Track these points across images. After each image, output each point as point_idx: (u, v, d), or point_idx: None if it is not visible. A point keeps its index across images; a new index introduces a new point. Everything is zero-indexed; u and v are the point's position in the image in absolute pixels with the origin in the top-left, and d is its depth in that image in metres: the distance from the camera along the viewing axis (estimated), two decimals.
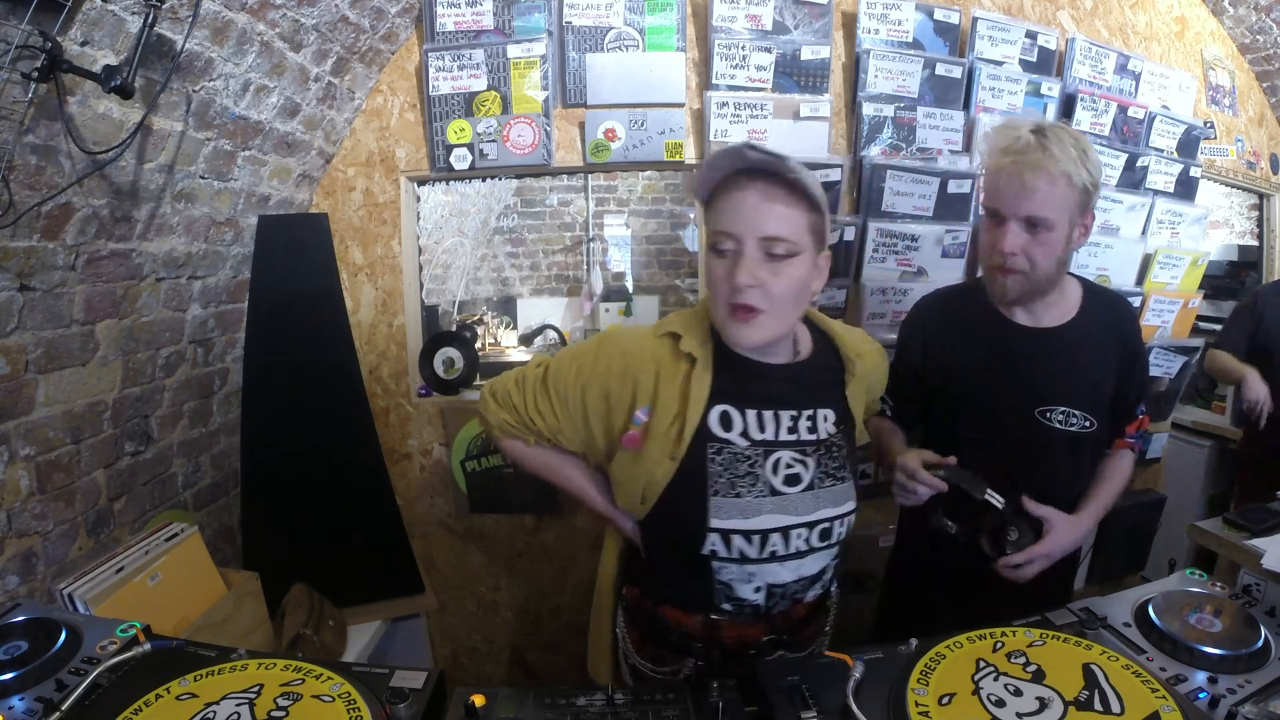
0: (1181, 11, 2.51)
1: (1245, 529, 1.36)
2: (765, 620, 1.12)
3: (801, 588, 1.12)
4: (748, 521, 1.04)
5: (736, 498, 1.05)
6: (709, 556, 1.06)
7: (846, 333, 1.19)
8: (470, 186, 3.84)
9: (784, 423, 1.09)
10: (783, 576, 1.09)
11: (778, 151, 0.96)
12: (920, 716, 0.81)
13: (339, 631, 1.69)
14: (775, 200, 0.98)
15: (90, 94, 1.18)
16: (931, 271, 2.20)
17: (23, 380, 1.29)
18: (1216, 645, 0.96)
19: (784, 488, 1.06)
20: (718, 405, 1.07)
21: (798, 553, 1.08)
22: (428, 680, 0.91)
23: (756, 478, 1.06)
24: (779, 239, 0.98)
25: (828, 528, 1.09)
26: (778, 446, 1.08)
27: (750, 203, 0.98)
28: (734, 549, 1.05)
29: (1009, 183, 1.21)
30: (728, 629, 1.11)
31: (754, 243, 0.98)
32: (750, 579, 1.08)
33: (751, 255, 0.98)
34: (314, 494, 1.71)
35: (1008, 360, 1.33)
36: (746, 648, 1.11)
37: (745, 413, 1.08)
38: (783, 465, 1.07)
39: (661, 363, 1.09)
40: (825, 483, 1.09)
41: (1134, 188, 2.33)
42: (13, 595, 1.27)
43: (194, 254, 1.67)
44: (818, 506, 1.08)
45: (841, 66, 2.15)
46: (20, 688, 0.88)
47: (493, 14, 1.99)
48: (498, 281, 4.41)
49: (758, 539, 1.05)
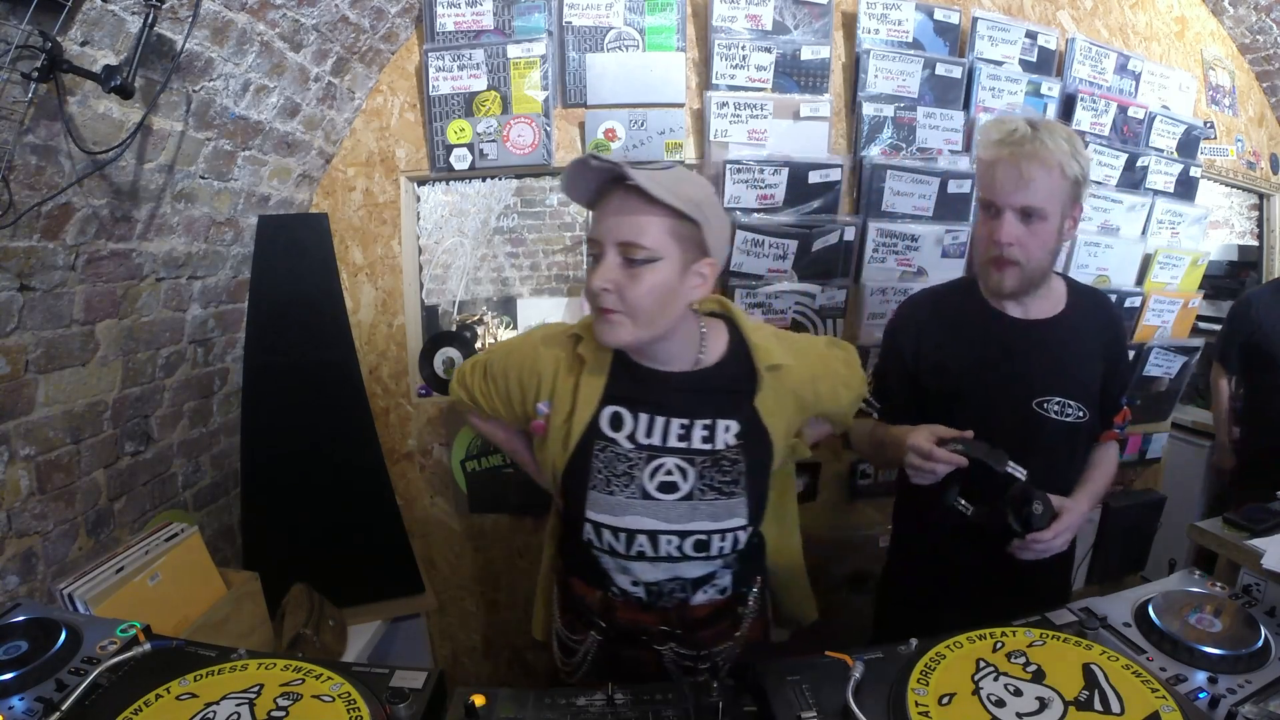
0: (1181, 11, 2.51)
1: (1245, 529, 1.36)
2: (656, 611, 1.17)
3: (681, 588, 1.15)
4: (616, 519, 1.10)
5: (610, 495, 1.11)
6: (587, 543, 1.15)
7: (767, 342, 1.16)
8: (470, 186, 3.83)
9: (674, 430, 1.11)
10: (655, 576, 1.14)
11: (618, 160, 0.99)
12: (920, 716, 0.81)
13: (339, 631, 1.69)
14: (632, 209, 1.00)
15: (90, 94, 1.18)
16: (931, 271, 2.20)
17: (23, 380, 1.29)
18: (1216, 645, 0.96)
19: (657, 493, 1.10)
20: (611, 406, 1.12)
21: (669, 557, 1.11)
22: (428, 680, 0.91)
23: (632, 479, 1.10)
24: (634, 245, 1.00)
25: (703, 540, 1.11)
26: (662, 453, 1.11)
27: (610, 211, 1.02)
28: (604, 542, 1.13)
29: (1006, 173, 1.23)
30: (622, 610, 1.18)
31: (612, 249, 1.01)
32: (625, 571, 1.15)
33: (610, 260, 1.02)
34: (314, 494, 1.71)
35: (1005, 354, 1.34)
36: (640, 632, 1.17)
37: (638, 416, 1.12)
38: (661, 472, 1.10)
39: (562, 361, 1.17)
40: (706, 495, 1.10)
41: (1134, 188, 2.33)
42: (13, 595, 1.27)
43: (194, 254, 1.67)
44: (693, 518, 1.10)
45: (841, 66, 2.15)
46: (20, 688, 0.88)
47: (493, 14, 1.99)
48: (498, 281, 4.39)
49: (624, 536, 1.11)
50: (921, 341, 1.41)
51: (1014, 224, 1.24)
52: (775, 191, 2.07)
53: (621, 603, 1.18)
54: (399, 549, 1.85)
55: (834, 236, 2.10)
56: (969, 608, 1.11)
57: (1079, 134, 2.23)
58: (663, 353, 1.12)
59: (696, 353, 1.13)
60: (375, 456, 1.79)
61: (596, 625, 1.20)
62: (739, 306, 1.23)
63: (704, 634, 1.19)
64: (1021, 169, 1.21)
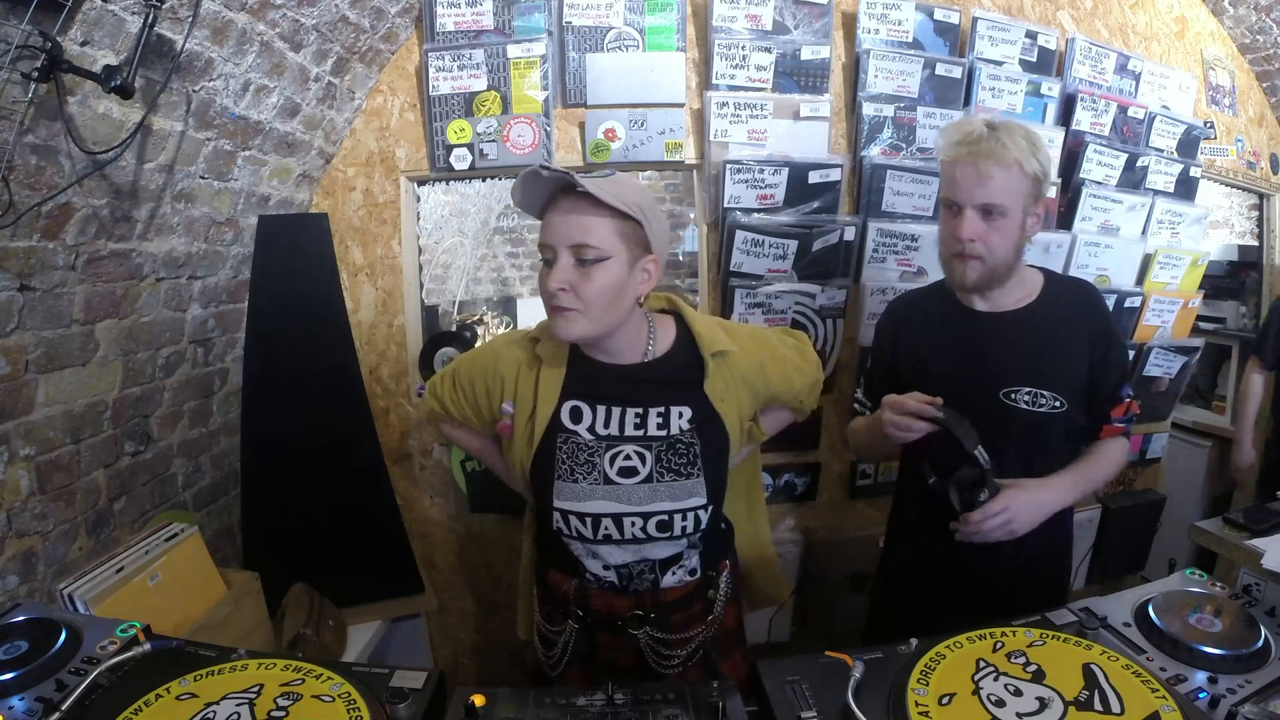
0: (1181, 11, 2.51)
1: (1245, 529, 1.36)
2: (629, 595, 1.22)
3: (650, 569, 1.22)
4: (581, 505, 1.18)
5: (574, 483, 1.18)
6: (558, 532, 1.21)
7: (711, 331, 1.23)
8: (470, 186, 3.83)
9: (630, 419, 1.19)
10: (623, 558, 1.21)
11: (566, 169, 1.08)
12: (920, 716, 0.81)
13: (339, 631, 1.69)
14: (582, 212, 1.08)
15: (90, 94, 1.18)
16: (932, 271, 2.20)
17: (23, 380, 1.29)
18: (1216, 645, 0.96)
19: (618, 478, 1.17)
20: (570, 400, 1.21)
21: (634, 539, 1.18)
22: (428, 680, 0.91)
23: (594, 466, 1.18)
24: (586, 246, 1.08)
25: (665, 520, 1.18)
26: (621, 441, 1.19)
27: (560, 217, 1.10)
28: (572, 528, 1.20)
29: (965, 172, 1.28)
30: (595, 597, 1.23)
31: (565, 251, 1.09)
32: (594, 556, 1.22)
33: (563, 262, 1.09)
34: (314, 494, 1.71)
35: (970, 344, 1.38)
36: (614, 617, 1.23)
37: (595, 408, 1.20)
38: (620, 458, 1.18)
39: (522, 362, 1.25)
40: (665, 477, 1.18)
41: (1134, 188, 2.33)
42: (13, 595, 1.27)
43: (194, 254, 1.67)
44: (654, 499, 1.17)
45: (841, 66, 2.15)
46: (20, 688, 0.88)
47: (493, 14, 1.99)
48: (498, 281, 4.40)
49: (590, 521, 1.18)
50: (899, 340, 1.48)
51: (975, 221, 1.29)
52: (775, 191, 2.07)
53: (596, 590, 1.23)
54: (399, 549, 1.85)
55: (834, 236, 2.10)
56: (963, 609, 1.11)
57: (1080, 134, 2.26)
58: (614, 347, 1.20)
59: (645, 345, 1.22)
60: (375, 457, 1.79)
61: (574, 614, 1.25)
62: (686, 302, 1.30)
63: (677, 618, 1.24)
64: (979, 167, 1.26)
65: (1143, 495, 2.58)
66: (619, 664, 1.26)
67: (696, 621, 1.26)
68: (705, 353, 1.20)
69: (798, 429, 2.27)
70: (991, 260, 1.31)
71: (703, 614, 1.26)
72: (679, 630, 1.24)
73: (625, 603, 1.22)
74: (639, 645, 1.24)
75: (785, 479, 2.32)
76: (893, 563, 1.63)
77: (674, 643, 1.24)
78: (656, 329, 1.23)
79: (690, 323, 1.23)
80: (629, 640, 1.24)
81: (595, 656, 1.28)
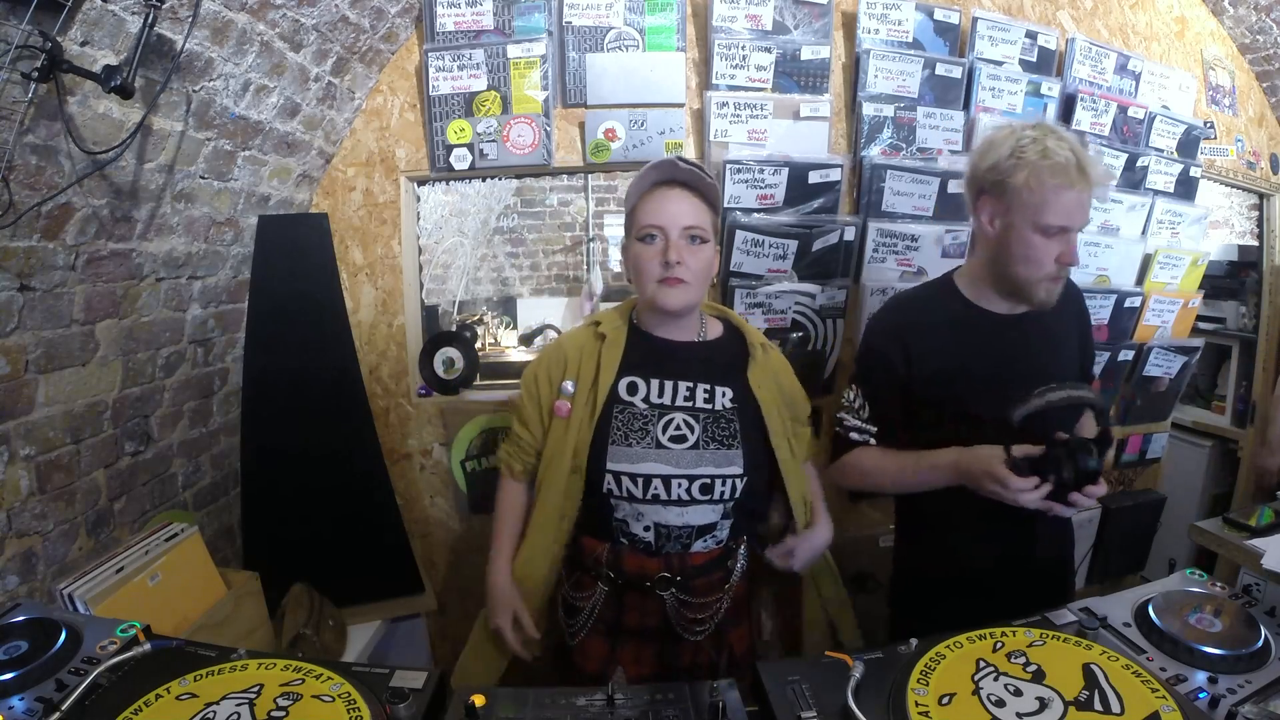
0: (1181, 11, 2.51)
1: (1245, 529, 1.36)
2: (660, 557, 1.32)
3: (687, 534, 1.32)
4: (634, 467, 1.29)
5: (628, 447, 1.30)
6: (608, 494, 1.31)
7: (752, 329, 1.43)
8: (470, 186, 3.83)
9: (681, 392, 1.33)
10: (668, 519, 1.30)
11: (698, 163, 1.29)
12: (920, 716, 0.81)
13: (339, 631, 1.69)
14: (692, 200, 1.29)
15: (90, 94, 1.18)
16: (932, 271, 2.20)
17: (23, 380, 1.29)
18: (1216, 645, 0.96)
19: (669, 444, 1.30)
20: (627, 376, 1.34)
21: (679, 500, 1.29)
22: (428, 680, 0.91)
23: (647, 433, 1.30)
24: (698, 228, 1.28)
25: (708, 483, 1.29)
26: (672, 410, 1.32)
27: (671, 203, 1.28)
28: (624, 489, 1.30)
29: (1079, 200, 1.26)
30: (628, 558, 1.33)
31: (677, 231, 1.26)
32: (640, 517, 1.31)
33: (676, 241, 1.26)
34: (314, 494, 1.71)
35: (999, 348, 1.37)
36: (644, 579, 1.32)
37: (650, 382, 1.34)
38: (672, 426, 1.31)
39: (585, 344, 1.38)
40: (710, 446, 1.30)
41: (1134, 188, 2.33)
42: (13, 595, 1.27)
43: (194, 254, 1.67)
44: (699, 464, 1.29)
45: (841, 66, 2.15)
46: (20, 688, 0.88)
47: (493, 14, 1.99)
48: (498, 281, 4.40)
49: (641, 481, 1.28)
50: (911, 350, 1.38)
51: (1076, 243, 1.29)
52: (775, 191, 2.07)
53: (629, 552, 1.33)
54: (399, 549, 1.85)
55: (834, 236, 2.10)
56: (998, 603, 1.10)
57: (1080, 134, 2.26)
58: (679, 324, 1.36)
59: (699, 329, 1.39)
60: (375, 456, 1.79)
61: (604, 576, 1.35)
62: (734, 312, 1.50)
63: (699, 582, 1.33)
64: (1085, 196, 1.26)
65: (1143, 495, 2.58)
66: (645, 626, 1.34)
67: (715, 589, 1.35)
68: (754, 342, 1.39)
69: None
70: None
71: (721, 582, 1.36)
72: (700, 595, 1.33)
73: (655, 564, 1.32)
74: (664, 608, 1.33)
75: None
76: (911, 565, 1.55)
77: (697, 606, 1.33)
78: (708, 322, 1.42)
79: (738, 322, 1.44)
80: (656, 603, 1.33)
81: (622, 620, 1.35)
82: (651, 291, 1.28)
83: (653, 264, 1.26)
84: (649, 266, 1.27)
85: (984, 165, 1.31)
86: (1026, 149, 1.26)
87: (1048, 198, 1.26)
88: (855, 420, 1.44)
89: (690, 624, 1.33)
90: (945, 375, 1.36)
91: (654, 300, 1.29)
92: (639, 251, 1.28)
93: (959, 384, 1.35)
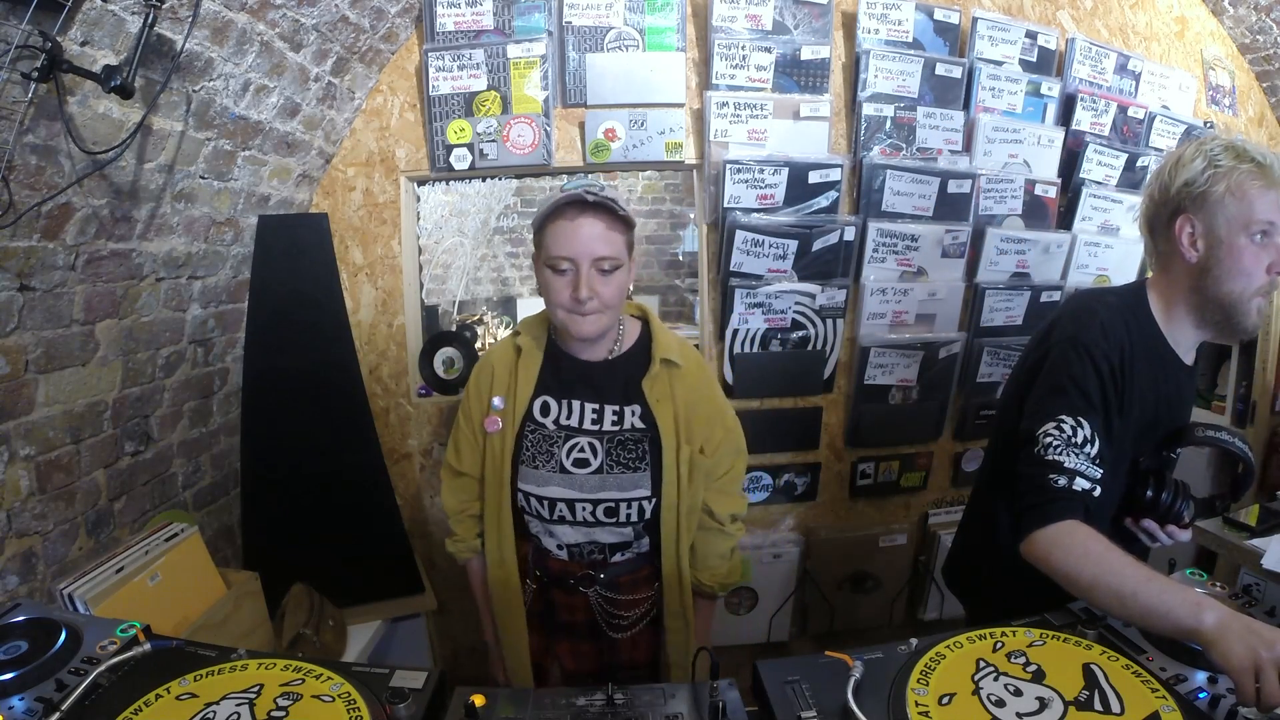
0: (1181, 11, 2.51)
1: (1245, 529, 1.36)
2: (581, 562, 1.35)
3: (599, 550, 1.34)
4: (539, 489, 1.30)
5: (535, 469, 1.30)
6: (520, 509, 1.34)
7: (669, 341, 1.34)
8: (470, 186, 3.83)
9: (589, 414, 1.31)
10: (575, 539, 1.33)
11: (599, 189, 1.19)
12: (920, 716, 0.81)
13: (339, 631, 1.69)
14: (603, 228, 1.19)
15: (90, 94, 1.18)
16: (931, 271, 2.20)
17: (23, 380, 1.29)
18: None
19: (572, 468, 1.29)
20: (541, 395, 1.33)
21: (585, 522, 1.30)
22: (428, 680, 0.91)
23: (552, 455, 1.30)
24: (610, 258, 1.21)
25: (612, 507, 1.29)
26: (578, 433, 1.31)
27: (580, 231, 1.18)
28: (533, 508, 1.32)
29: (1277, 201, 1.17)
30: (552, 560, 1.37)
31: (587, 262, 1.19)
32: (550, 535, 1.34)
33: (587, 273, 1.20)
34: (314, 494, 1.71)
35: (1173, 392, 1.31)
36: (568, 577, 1.36)
37: (561, 402, 1.33)
38: (576, 449, 1.30)
39: (508, 358, 1.37)
40: (615, 470, 1.29)
41: (1134, 188, 2.33)
42: (13, 595, 1.27)
43: (194, 254, 1.67)
44: (602, 488, 1.29)
45: (841, 66, 2.15)
46: (20, 688, 0.88)
47: (493, 14, 1.99)
48: (498, 281, 4.40)
49: (546, 504, 1.30)
50: (1125, 363, 1.21)
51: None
52: (775, 191, 2.07)
53: (551, 555, 1.36)
54: (399, 549, 1.85)
55: (834, 236, 2.10)
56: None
57: (1080, 134, 2.26)
58: (591, 344, 1.31)
59: (612, 344, 1.34)
60: (375, 456, 1.79)
61: (533, 574, 1.38)
62: (655, 314, 1.42)
63: (624, 579, 1.35)
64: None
65: None
66: (574, 623, 1.38)
67: (643, 586, 1.37)
68: (655, 355, 1.31)
69: (798, 427, 2.29)
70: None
71: (650, 579, 1.37)
72: (627, 592, 1.36)
73: (576, 567, 1.35)
74: (591, 604, 1.36)
75: (785, 479, 2.32)
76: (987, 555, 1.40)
77: (624, 603, 1.35)
78: (625, 330, 1.36)
79: (653, 330, 1.36)
80: (582, 599, 1.36)
81: (554, 616, 1.39)
82: (563, 318, 1.24)
83: (563, 294, 1.21)
84: (560, 296, 1.22)
85: (1178, 183, 1.22)
86: (1220, 157, 1.19)
87: (1253, 200, 1.18)
88: (1079, 460, 1.11)
89: (618, 620, 1.35)
90: (1144, 397, 1.24)
91: (565, 327, 1.25)
92: (550, 279, 1.22)
93: (1129, 418, 1.23)
